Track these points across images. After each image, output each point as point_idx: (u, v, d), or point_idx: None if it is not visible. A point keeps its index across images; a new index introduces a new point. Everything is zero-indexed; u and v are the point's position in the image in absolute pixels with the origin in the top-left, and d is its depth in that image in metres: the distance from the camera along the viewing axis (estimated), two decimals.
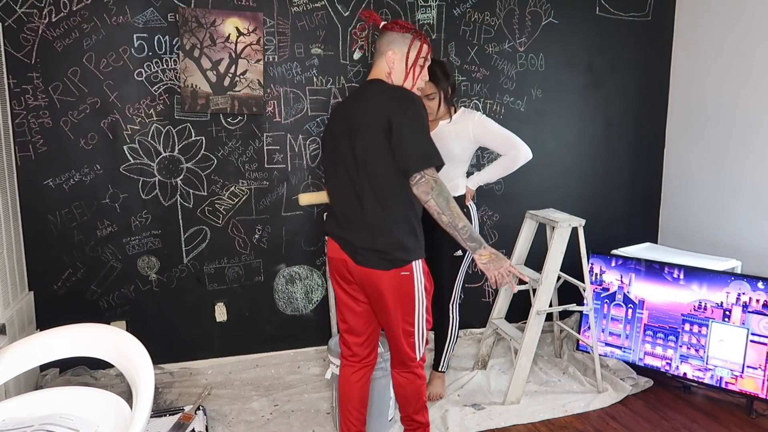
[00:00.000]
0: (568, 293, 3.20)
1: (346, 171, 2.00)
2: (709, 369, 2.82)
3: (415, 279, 2.03)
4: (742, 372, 2.74)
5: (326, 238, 2.21)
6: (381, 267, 1.98)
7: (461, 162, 2.72)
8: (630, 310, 3.04)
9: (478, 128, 2.66)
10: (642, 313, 3.00)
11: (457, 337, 2.94)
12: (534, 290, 2.91)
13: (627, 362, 3.05)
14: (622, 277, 3.07)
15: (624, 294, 3.06)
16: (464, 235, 1.96)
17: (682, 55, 3.64)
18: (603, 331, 3.13)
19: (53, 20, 2.72)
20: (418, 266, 2.04)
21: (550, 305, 2.91)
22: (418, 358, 2.16)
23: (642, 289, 3.00)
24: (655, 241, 3.82)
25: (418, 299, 2.06)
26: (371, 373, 2.29)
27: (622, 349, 3.07)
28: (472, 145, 2.70)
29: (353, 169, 1.98)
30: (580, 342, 3.19)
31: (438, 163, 1.94)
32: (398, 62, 2.05)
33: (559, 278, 2.93)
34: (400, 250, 1.98)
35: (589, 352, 3.14)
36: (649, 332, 2.99)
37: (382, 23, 2.10)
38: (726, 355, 2.78)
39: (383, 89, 2.02)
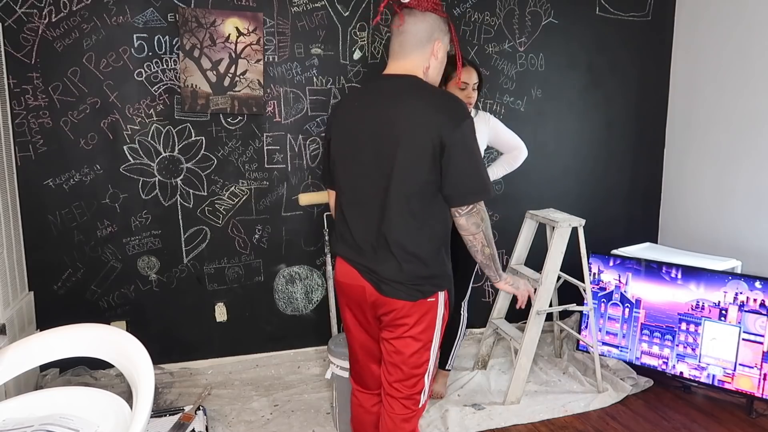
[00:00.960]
0: (568, 293, 3.20)
1: (371, 185, 1.69)
2: (703, 368, 2.82)
3: (439, 308, 1.77)
4: (734, 370, 2.74)
5: (333, 256, 1.92)
6: (409, 298, 1.71)
7: None
8: (627, 310, 3.04)
9: (494, 129, 2.64)
10: (639, 313, 3.01)
11: (464, 335, 2.92)
12: (534, 290, 2.91)
13: (624, 361, 3.05)
14: (620, 277, 3.07)
15: (621, 293, 3.06)
16: (497, 263, 1.81)
17: (682, 55, 3.64)
18: (600, 331, 3.13)
19: (53, 20, 2.71)
20: (443, 295, 1.78)
21: (550, 305, 2.92)
22: (421, 403, 1.85)
23: (639, 288, 3.00)
24: (655, 241, 3.82)
25: (437, 330, 1.78)
26: None
27: (619, 348, 3.07)
28: (484, 147, 2.68)
29: (382, 184, 1.66)
30: (580, 342, 3.19)
31: (491, 195, 1.73)
32: (442, 56, 1.73)
33: (559, 278, 2.93)
34: (433, 281, 1.73)
35: (589, 352, 3.14)
36: (645, 331, 2.99)
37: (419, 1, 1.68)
38: (718, 353, 2.79)
39: (428, 92, 1.68)
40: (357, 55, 3.13)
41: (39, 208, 2.83)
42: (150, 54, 2.85)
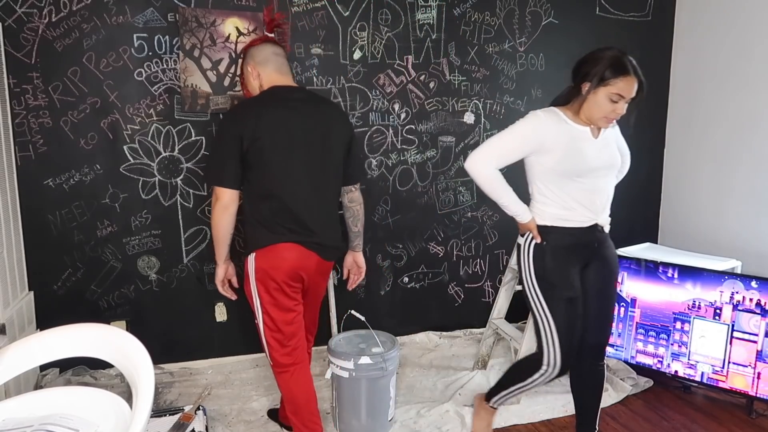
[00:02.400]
0: None
1: (317, 178, 2.14)
2: (693, 365, 2.83)
3: None
4: (723, 368, 2.75)
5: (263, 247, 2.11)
6: (337, 257, 2.31)
7: None
8: (622, 309, 3.05)
9: (617, 134, 2.23)
10: (634, 312, 3.01)
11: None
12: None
13: (618, 360, 3.06)
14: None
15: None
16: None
17: (682, 55, 3.64)
18: None
19: (53, 20, 2.72)
20: None
21: None
22: None
23: (635, 287, 3.01)
24: (655, 241, 3.82)
25: None
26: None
27: (614, 347, 3.07)
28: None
29: (324, 176, 2.16)
30: None
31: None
32: None
33: None
34: (343, 240, 2.37)
35: None
36: (641, 330, 2.99)
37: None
38: (707, 351, 2.80)
39: (331, 102, 2.39)
40: (357, 55, 3.13)
41: (39, 208, 2.83)
42: (150, 54, 2.85)
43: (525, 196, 2.11)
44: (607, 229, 2.15)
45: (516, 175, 2.13)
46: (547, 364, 2.12)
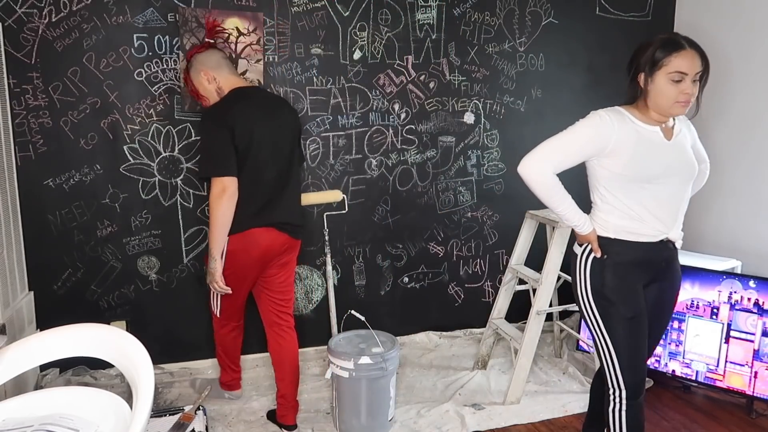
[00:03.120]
0: (568, 293, 3.20)
1: (287, 168, 2.42)
2: (688, 364, 2.84)
3: None
4: (717, 366, 2.76)
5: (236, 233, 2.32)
6: (303, 236, 2.58)
7: None
8: None
9: (694, 135, 2.06)
10: None
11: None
12: (534, 290, 2.91)
13: None
14: None
15: None
16: None
17: None
18: None
19: (53, 20, 2.71)
20: None
21: (550, 305, 2.92)
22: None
23: None
24: None
25: None
26: None
27: None
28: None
29: (290, 167, 2.44)
30: (580, 342, 3.19)
31: None
32: None
33: (559, 278, 2.93)
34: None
35: (589, 352, 3.14)
36: None
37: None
38: (701, 350, 2.80)
39: (281, 97, 2.74)
40: (357, 55, 3.13)
41: (39, 208, 2.83)
42: (150, 54, 2.85)
43: (585, 204, 1.97)
44: (679, 245, 1.94)
45: (573, 177, 1.98)
46: (611, 386, 1.93)
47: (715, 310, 2.77)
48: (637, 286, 1.90)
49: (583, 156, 1.88)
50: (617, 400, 1.92)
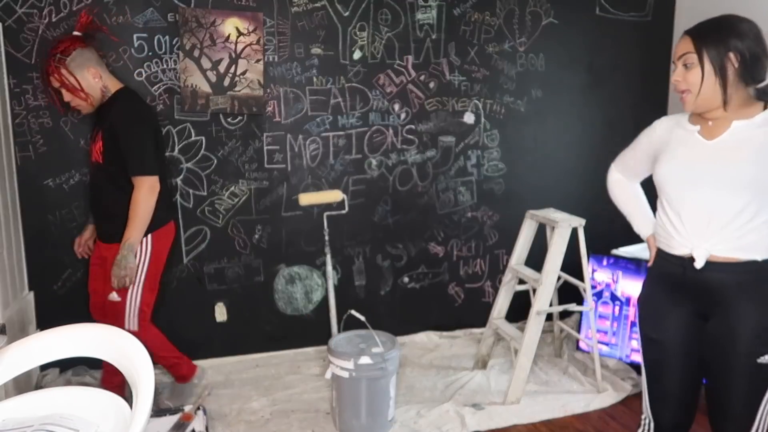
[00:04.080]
0: (568, 293, 3.20)
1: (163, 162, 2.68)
2: None
3: None
4: None
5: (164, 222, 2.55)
6: None
7: None
8: (617, 308, 3.05)
9: None
10: (629, 311, 3.01)
11: None
12: (534, 290, 2.91)
13: (618, 360, 3.07)
14: (612, 275, 3.08)
15: (611, 291, 3.07)
16: None
17: None
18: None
19: (53, 20, 2.71)
20: None
21: (550, 305, 2.91)
22: None
23: (629, 286, 3.01)
24: None
25: None
26: None
27: (609, 345, 3.08)
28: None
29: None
30: (580, 342, 3.19)
31: None
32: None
33: (559, 278, 2.93)
34: None
35: (588, 352, 3.14)
36: (635, 329, 3.00)
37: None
38: None
39: None
40: (357, 55, 3.13)
41: (39, 207, 2.83)
42: (150, 54, 2.85)
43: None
44: (698, 264, 1.59)
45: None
46: (643, 410, 1.80)
47: None
48: (664, 306, 1.71)
49: (639, 159, 1.84)
50: (646, 429, 1.82)
